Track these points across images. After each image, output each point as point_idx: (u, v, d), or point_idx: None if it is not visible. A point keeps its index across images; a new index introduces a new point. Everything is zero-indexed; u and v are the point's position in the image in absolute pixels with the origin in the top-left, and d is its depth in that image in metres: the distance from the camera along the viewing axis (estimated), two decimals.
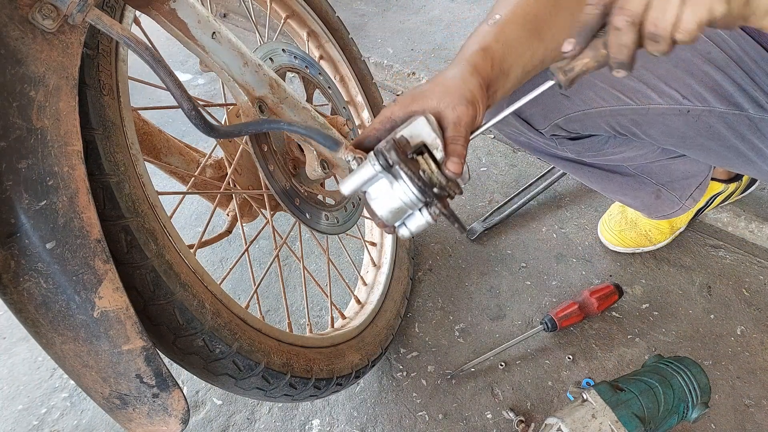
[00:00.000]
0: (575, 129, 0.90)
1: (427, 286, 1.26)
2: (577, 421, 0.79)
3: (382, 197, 0.57)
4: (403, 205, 0.56)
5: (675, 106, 0.80)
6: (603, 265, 1.25)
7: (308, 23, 1.10)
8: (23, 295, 0.47)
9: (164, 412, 0.56)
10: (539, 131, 0.92)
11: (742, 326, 1.10)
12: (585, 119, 0.86)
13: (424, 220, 0.58)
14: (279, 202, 0.81)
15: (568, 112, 0.86)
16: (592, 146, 0.95)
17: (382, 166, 0.54)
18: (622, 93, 0.81)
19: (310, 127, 0.60)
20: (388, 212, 0.58)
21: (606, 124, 0.86)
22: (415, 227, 0.59)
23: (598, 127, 0.88)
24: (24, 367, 1.18)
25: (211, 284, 0.69)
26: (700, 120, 0.80)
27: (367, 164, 0.55)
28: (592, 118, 0.86)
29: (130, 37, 0.49)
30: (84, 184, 0.50)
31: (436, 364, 1.10)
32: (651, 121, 0.82)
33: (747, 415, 0.97)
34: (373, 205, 0.58)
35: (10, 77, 0.44)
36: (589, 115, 0.85)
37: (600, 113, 0.84)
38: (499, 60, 0.64)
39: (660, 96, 0.80)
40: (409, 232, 0.60)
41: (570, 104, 0.85)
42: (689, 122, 0.81)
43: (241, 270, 1.33)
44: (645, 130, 0.85)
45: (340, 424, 1.03)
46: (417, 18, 2.26)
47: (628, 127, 0.85)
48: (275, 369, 0.74)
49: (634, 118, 0.83)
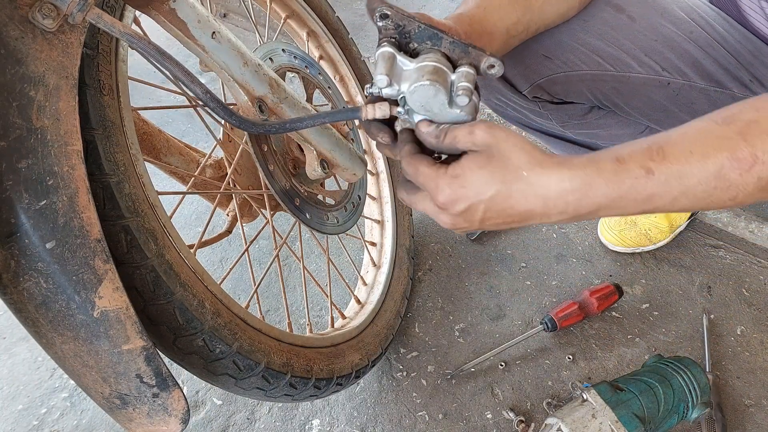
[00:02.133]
0: (557, 92, 0.89)
1: (427, 286, 1.26)
2: (577, 420, 0.79)
3: (412, 76, 0.52)
4: (436, 63, 0.52)
5: (654, 77, 0.80)
6: (603, 265, 1.25)
7: (308, 23, 1.10)
8: (23, 295, 0.47)
9: (164, 412, 0.56)
10: (522, 93, 0.92)
11: (742, 326, 1.10)
12: (566, 82, 0.86)
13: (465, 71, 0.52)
14: (279, 202, 0.81)
15: (548, 73, 0.86)
16: (575, 113, 0.94)
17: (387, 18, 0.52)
18: (602, 58, 0.81)
19: (327, 113, 0.57)
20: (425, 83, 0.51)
21: (588, 90, 0.86)
22: (465, 83, 0.52)
23: (580, 94, 0.88)
24: (24, 367, 1.17)
25: (211, 284, 0.69)
26: (680, 94, 0.81)
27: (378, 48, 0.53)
28: (574, 82, 0.85)
29: (133, 35, 0.49)
30: (84, 183, 0.50)
31: (436, 364, 1.10)
32: (632, 91, 0.82)
33: (747, 415, 0.97)
34: (412, 99, 0.53)
35: (10, 77, 0.44)
36: (571, 78, 0.85)
37: (581, 77, 0.84)
38: (479, 20, 0.64)
39: (639, 65, 0.80)
40: (469, 96, 0.52)
41: (551, 65, 0.85)
42: (670, 95, 0.81)
43: (241, 270, 1.33)
44: (627, 101, 0.85)
45: (340, 424, 1.03)
46: None
47: (610, 96, 0.85)
48: (275, 369, 0.74)
49: (615, 86, 0.83)
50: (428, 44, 0.54)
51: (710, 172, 0.49)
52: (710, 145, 0.49)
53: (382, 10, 0.53)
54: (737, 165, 0.48)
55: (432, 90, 0.51)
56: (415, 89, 0.52)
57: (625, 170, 0.50)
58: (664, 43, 0.79)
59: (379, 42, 0.54)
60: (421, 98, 0.52)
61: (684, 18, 0.80)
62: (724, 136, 0.49)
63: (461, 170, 0.52)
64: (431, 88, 0.51)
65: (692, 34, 0.79)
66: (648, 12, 0.81)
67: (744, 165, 0.48)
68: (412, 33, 0.54)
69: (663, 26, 0.80)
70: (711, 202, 0.51)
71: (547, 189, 0.51)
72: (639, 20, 0.80)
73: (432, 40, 0.54)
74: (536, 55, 0.84)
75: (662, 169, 0.49)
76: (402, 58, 0.54)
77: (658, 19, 0.80)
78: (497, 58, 0.53)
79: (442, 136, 0.53)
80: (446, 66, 0.53)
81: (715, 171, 0.49)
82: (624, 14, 0.80)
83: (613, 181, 0.50)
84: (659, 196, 0.50)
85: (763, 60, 0.79)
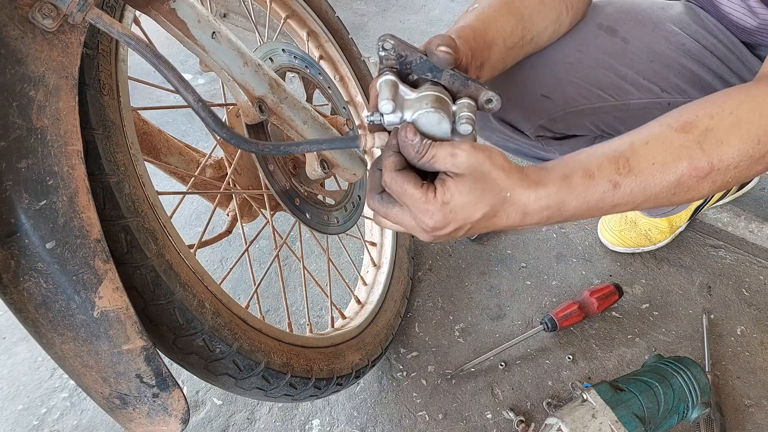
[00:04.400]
0: (560, 129, 0.90)
1: (427, 286, 1.26)
2: (577, 420, 0.79)
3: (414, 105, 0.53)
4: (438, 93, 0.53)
5: (655, 100, 0.80)
6: (603, 265, 1.25)
7: (308, 23, 1.10)
8: (23, 295, 0.47)
9: (164, 412, 0.55)
10: (524, 133, 0.92)
11: (742, 326, 1.10)
12: (568, 118, 0.86)
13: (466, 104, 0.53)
14: (279, 202, 0.81)
15: (550, 112, 0.86)
16: (578, 146, 0.95)
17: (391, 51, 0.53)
18: (601, 90, 0.81)
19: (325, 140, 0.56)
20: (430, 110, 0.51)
21: (590, 122, 0.86)
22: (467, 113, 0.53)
23: (582, 127, 0.88)
24: (24, 367, 1.17)
25: (211, 284, 0.69)
26: None
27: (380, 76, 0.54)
28: (575, 117, 0.85)
29: (131, 36, 0.48)
30: (84, 183, 0.50)
31: (436, 364, 1.10)
32: (633, 116, 0.82)
33: (747, 415, 0.97)
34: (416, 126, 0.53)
35: (10, 77, 0.44)
36: (571, 114, 0.85)
37: (582, 111, 0.84)
38: (481, 33, 0.66)
39: (639, 90, 0.80)
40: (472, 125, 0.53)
41: (551, 104, 0.85)
42: None
43: (241, 270, 1.33)
44: (630, 127, 0.84)
45: (340, 424, 1.03)
46: (417, 18, 2.26)
47: (613, 124, 0.85)
48: (275, 369, 0.74)
49: (616, 114, 0.83)
50: (429, 75, 0.55)
51: (671, 181, 0.54)
52: (671, 155, 0.54)
53: (385, 40, 0.54)
54: (695, 173, 0.53)
55: (436, 117, 0.52)
56: (419, 116, 0.52)
57: (594, 185, 0.54)
58: (660, 62, 0.79)
59: (380, 71, 0.56)
60: (424, 125, 0.53)
61: (674, 30, 0.79)
62: (683, 146, 0.54)
63: (450, 196, 0.53)
64: (435, 115, 0.51)
65: (684, 46, 0.79)
66: (640, 30, 0.80)
67: (701, 173, 0.53)
68: (413, 64, 0.55)
69: (657, 43, 0.79)
70: (669, 203, 0.57)
71: (526, 206, 0.54)
72: (632, 41, 0.79)
73: (433, 72, 0.55)
74: (536, 96, 0.84)
75: (628, 182, 0.54)
76: (403, 87, 0.54)
77: (651, 37, 0.79)
78: (495, 93, 0.54)
79: (423, 152, 0.52)
80: (447, 97, 0.54)
81: (675, 180, 0.54)
82: (617, 37, 0.80)
83: (584, 195, 0.55)
84: (624, 204, 0.56)
85: (750, 67, 0.79)
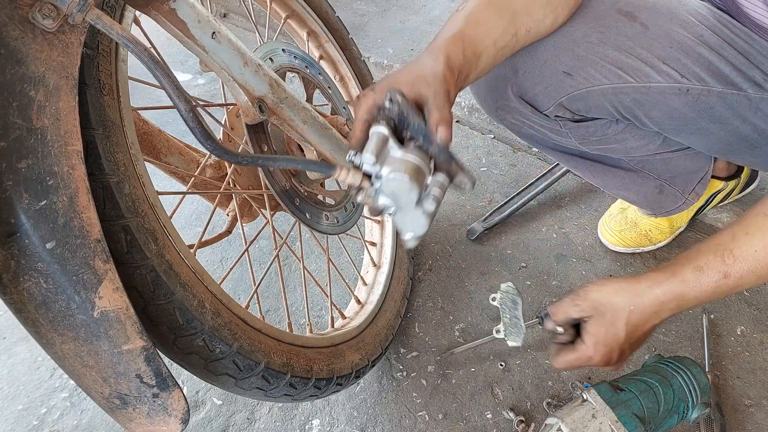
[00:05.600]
0: (579, 109, 0.90)
1: (427, 286, 1.26)
2: (577, 421, 0.79)
3: (395, 163, 0.57)
4: (419, 162, 0.57)
5: (674, 85, 0.81)
6: (603, 265, 1.25)
7: (308, 23, 1.10)
8: (23, 295, 0.47)
9: (164, 412, 0.56)
10: (543, 113, 0.93)
11: (742, 326, 1.10)
12: (588, 97, 0.86)
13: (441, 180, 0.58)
14: (279, 202, 0.81)
15: (570, 90, 0.87)
16: (596, 130, 0.95)
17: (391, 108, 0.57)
18: (622, 70, 0.82)
19: (301, 160, 0.62)
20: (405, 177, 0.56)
21: (609, 104, 0.86)
22: (438, 191, 0.58)
23: (601, 108, 0.88)
24: (24, 367, 1.18)
25: (211, 284, 0.69)
26: (699, 100, 0.81)
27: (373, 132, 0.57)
28: (595, 97, 0.86)
29: (129, 38, 0.48)
30: (84, 183, 0.50)
31: (436, 364, 1.10)
32: (653, 101, 0.83)
33: (747, 415, 0.97)
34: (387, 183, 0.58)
35: (10, 77, 0.44)
36: (592, 93, 0.85)
37: (603, 91, 0.85)
38: (471, 42, 0.69)
39: (659, 74, 0.81)
40: (437, 204, 0.58)
41: (572, 82, 0.85)
42: (689, 102, 0.82)
43: (241, 270, 1.33)
44: (647, 112, 0.85)
45: (340, 424, 1.03)
46: (417, 18, 2.26)
47: (631, 108, 0.86)
48: (275, 369, 0.74)
49: (636, 97, 0.84)
50: (420, 140, 0.59)
51: None
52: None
53: (394, 95, 0.58)
54: None
55: (407, 185, 0.56)
56: (393, 178, 0.57)
57: (706, 277, 0.65)
58: (679, 49, 0.79)
59: (377, 119, 0.59)
60: (395, 187, 0.57)
61: (692, 21, 0.80)
62: None
63: (594, 338, 0.72)
64: (407, 183, 0.56)
65: (702, 37, 0.79)
66: (658, 18, 0.81)
67: None
68: (411, 125, 0.59)
69: (675, 32, 0.79)
70: None
71: (651, 307, 0.69)
72: (652, 27, 0.80)
73: (424, 138, 0.59)
74: (557, 73, 0.85)
75: (736, 270, 0.64)
76: (393, 142, 0.58)
77: (670, 25, 0.80)
78: (470, 180, 0.59)
79: (561, 320, 0.75)
80: (427, 168, 0.58)
81: None
82: (637, 22, 0.81)
83: (698, 288, 0.66)
84: (738, 286, 0.65)
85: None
